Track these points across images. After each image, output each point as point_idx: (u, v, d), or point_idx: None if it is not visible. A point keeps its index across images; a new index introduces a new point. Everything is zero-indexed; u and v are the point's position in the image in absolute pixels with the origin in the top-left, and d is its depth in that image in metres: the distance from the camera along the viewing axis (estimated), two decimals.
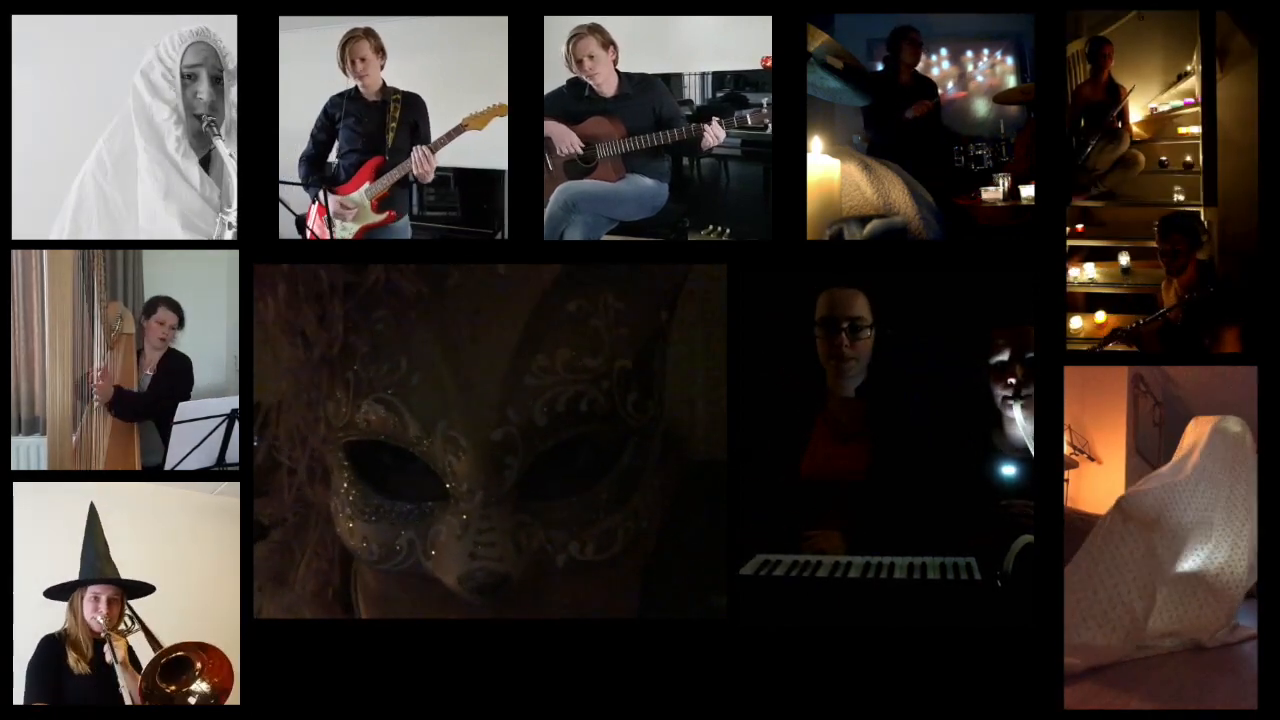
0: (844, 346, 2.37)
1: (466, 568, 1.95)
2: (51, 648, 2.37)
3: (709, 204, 2.58)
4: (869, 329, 2.37)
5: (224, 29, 2.46)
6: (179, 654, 2.34)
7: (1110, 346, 2.48)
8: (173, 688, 2.33)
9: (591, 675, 2.35)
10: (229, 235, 2.46)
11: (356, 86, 2.58)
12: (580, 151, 2.60)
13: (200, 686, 2.34)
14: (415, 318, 1.97)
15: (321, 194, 2.57)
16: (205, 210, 2.51)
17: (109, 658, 2.34)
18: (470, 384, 1.94)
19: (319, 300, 1.95)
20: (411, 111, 2.58)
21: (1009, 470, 2.34)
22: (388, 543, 2.02)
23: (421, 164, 2.55)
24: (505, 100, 2.43)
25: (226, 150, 2.46)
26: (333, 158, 2.63)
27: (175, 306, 2.62)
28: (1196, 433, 2.44)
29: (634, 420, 2.04)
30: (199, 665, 2.34)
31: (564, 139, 2.58)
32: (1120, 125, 2.63)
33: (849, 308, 2.37)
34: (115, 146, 2.55)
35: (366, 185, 2.61)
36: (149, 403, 2.60)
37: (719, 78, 2.61)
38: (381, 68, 2.56)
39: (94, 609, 2.36)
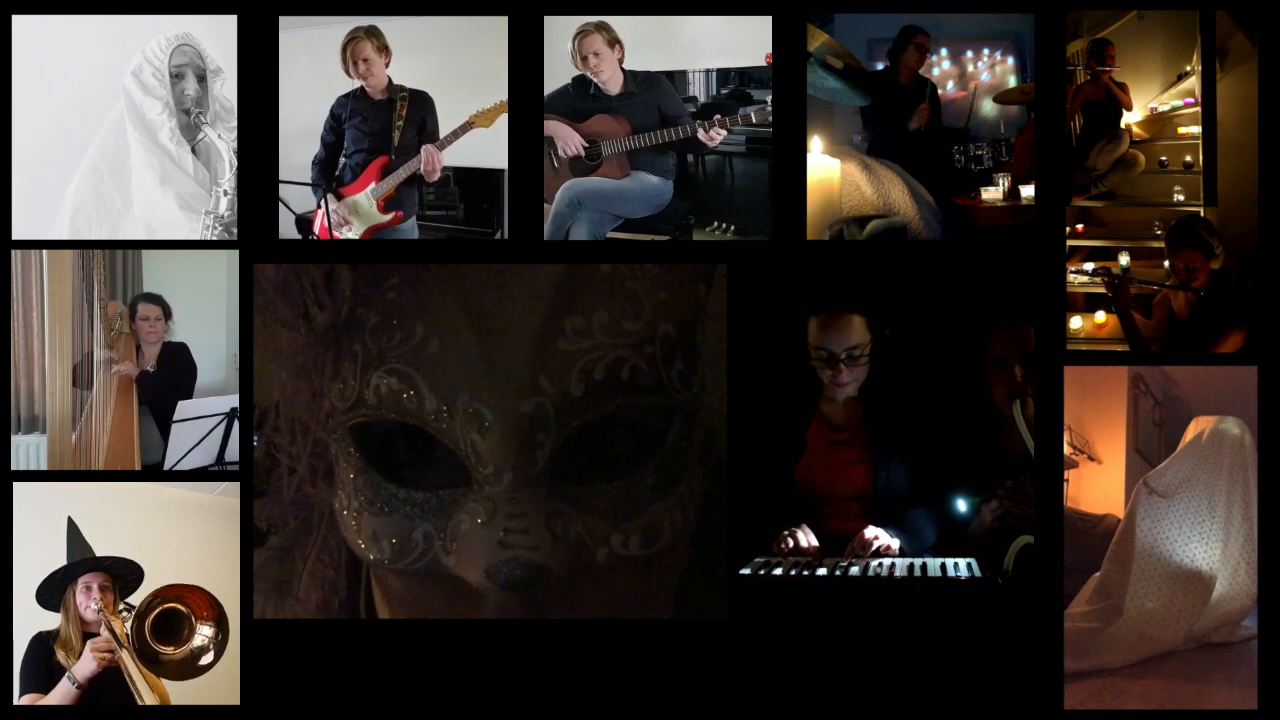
0: (842, 374, 2.36)
1: (495, 559, 1.72)
2: (40, 645, 2.35)
3: (714, 201, 2.58)
4: (867, 354, 2.36)
5: (207, 31, 2.50)
6: (163, 607, 2.25)
7: (1136, 290, 2.50)
8: (171, 648, 2.25)
9: (590, 675, 2.35)
10: (224, 205, 2.48)
11: (362, 86, 2.57)
12: (582, 152, 2.60)
13: (205, 631, 2.25)
14: (433, 280, 1.76)
15: (324, 200, 2.57)
16: (199, 193, 2.55)
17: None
18: (496, 350, 1.72)
19: (324, 271, 1.79)
20: (419, 109, 2.57)
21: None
22: (401, 538, 1.80)
23: (430, 163, 2.55)
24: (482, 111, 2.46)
25: (215, 133, 2.52)
26: (342, 158, 2.63)
27: (155, 299, 2.62)
28: (1197, 430, 2.43)
29: (679, 394, 1.83)
30: (189, 611, 2.25)
31: (568, 140, 2.59)
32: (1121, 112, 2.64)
33: (845, 339, 2.35)
34: (110, 148, 2.58)
35: (373, 185, 2.61)
36: (157, 382, 2.61)
37: (724, 75, 2.61)
38: (386, 65, 2.56)
39: (87, 598, 2.34)
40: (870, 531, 2.30)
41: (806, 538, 2.31)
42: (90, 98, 2.55)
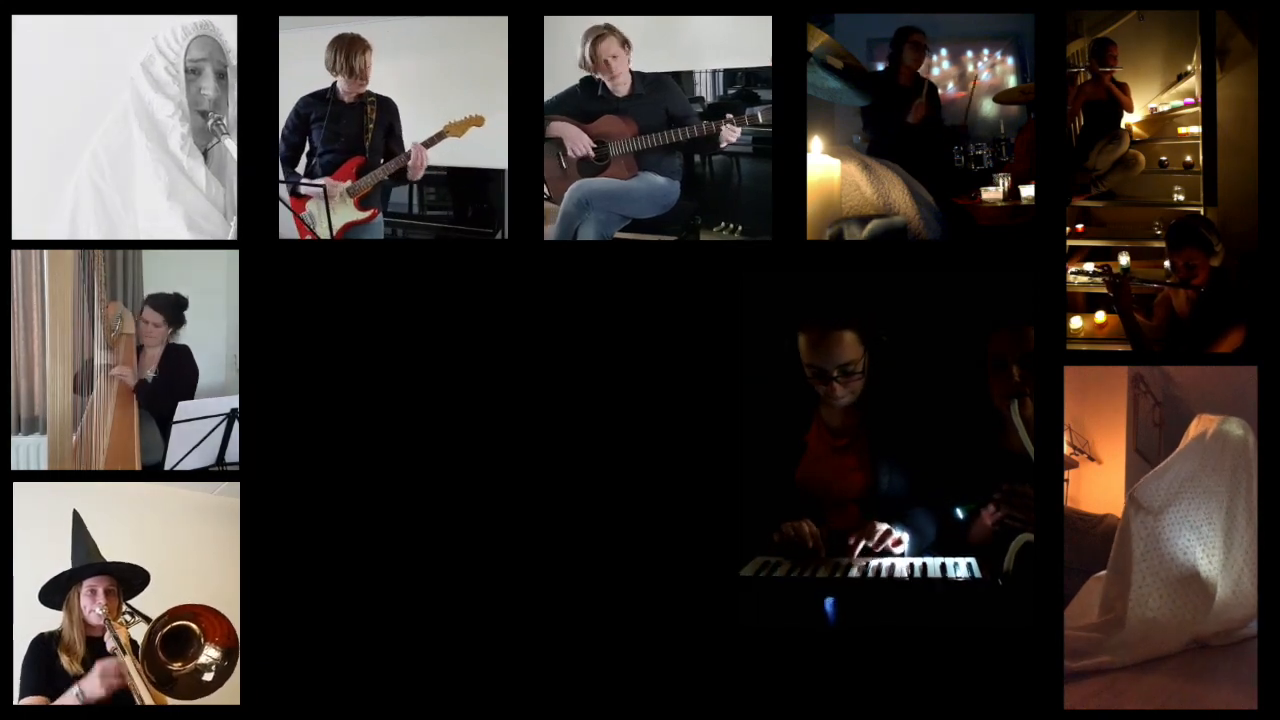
0: (836, 390, 2.34)
1: None
2: (41, 647, 2.35)
3: (721, 201, 2.58)
4: (860, 369, 2.34)
5: (225, 27, 2.46)
6: (175, 624, 2.27)
7: (1136, 288, 2.50)
8: (178, 664, 2.26)
9: (591, 676, 2.35)
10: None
11: (335, 85, 2.58)
12: (591, 153, 2.60)
13: (212, 653, 2.27)
14: None
15: (293, 190, 2.57)
16: (211, 212, 2.50)
17: (110, 645, 2.29)
18: None
19: None
20: (386, 114, 2.59)
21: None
22: None
23: (418, 159, 2.56)
24: (483, 111, 2.46)
25: (234, 145, 2.45)
26: (310, 157, 2.62)
27: (161, 305, 2.60)
28: (1199, 430, 2.43)
29: None
30: (200, 631, 2.26)
31: (577, 141, 2.59)
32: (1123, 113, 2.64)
33: (836, 356, 2.33)
34: (112, 143, 2.52)
35: (349, 183, 2.61)
36: (158, 384, 2.61)
37: (730, 75, 2.61)
38: None
39: (92, 602, 2.33)
40: (880, 525, 2.30)
41: (809, 526, 2.31)
42: (93, 92, 2.51)
